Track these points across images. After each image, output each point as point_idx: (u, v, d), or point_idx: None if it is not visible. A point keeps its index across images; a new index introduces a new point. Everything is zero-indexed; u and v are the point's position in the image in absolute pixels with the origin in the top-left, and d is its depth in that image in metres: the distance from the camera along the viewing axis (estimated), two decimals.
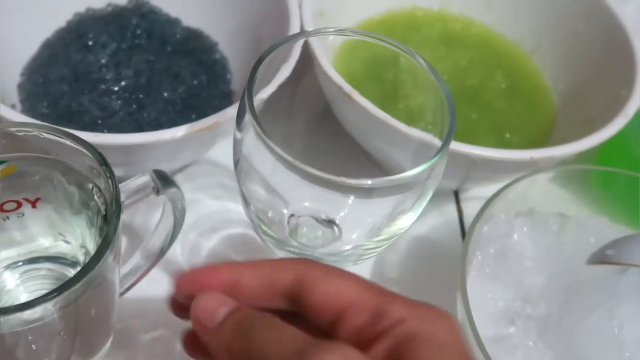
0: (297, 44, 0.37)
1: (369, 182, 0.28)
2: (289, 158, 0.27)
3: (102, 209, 0.32)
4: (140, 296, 0.40)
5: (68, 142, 0.31)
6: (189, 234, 0.46)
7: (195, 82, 0.48)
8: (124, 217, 0.45)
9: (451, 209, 0.51)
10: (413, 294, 0.44)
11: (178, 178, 0.48)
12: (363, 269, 0.46)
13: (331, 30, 0.36)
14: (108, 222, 0.29)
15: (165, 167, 0.45)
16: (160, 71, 0.48)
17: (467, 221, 0.49)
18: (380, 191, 0.29)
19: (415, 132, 0.36)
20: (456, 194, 0.51)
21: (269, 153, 0.28)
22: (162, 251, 0.38)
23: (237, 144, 0.31)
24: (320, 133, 0.44)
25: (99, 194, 0.32)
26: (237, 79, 0.50)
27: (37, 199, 0.33)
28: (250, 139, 0.29)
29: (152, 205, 0.43)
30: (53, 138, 0.31)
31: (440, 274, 0.46)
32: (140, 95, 0.46)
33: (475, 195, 0.50)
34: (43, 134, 0.31)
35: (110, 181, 0.30)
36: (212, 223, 0.47)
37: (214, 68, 0.50)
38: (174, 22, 0.52)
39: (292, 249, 0.34)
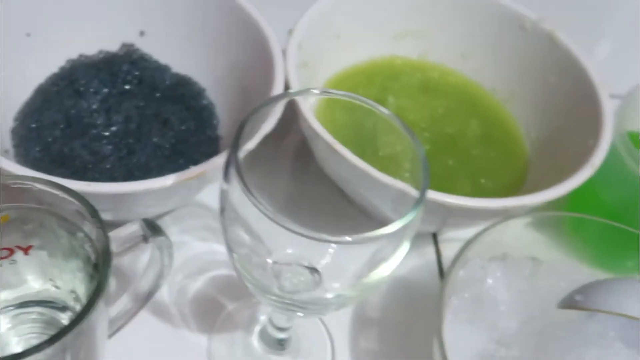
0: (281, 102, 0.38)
1: (348, 238, 0.29)
2: (271, 215, 0.28)
3: (93, 257, 0.32)
4: (126, 338, 0.40)
5: (60, 194, 0.31)
6: (176, 275, 0.47)
7: (183, 127, 0.50)
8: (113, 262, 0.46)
9: (430, 250, 0.52)
10: (393, 336, 0.46)
11: (166, 220, 0.49)
12: (344, 310, 0.47)
13: (316, 92, 0.37)
14: (100, 272, 0.30)
15: (154, 211, 0.47)
16: (149, 117, 0.49)
17: (446, 262, 0.51)
18: (362, 243, 0.30)
19: (393, 182, 0.37)
20: (435, 236, 0.52)
21: (253, 206, 0.29)
22: (150, 295, 0.39)
23: (223, 194, 0.32)
24: (306, 182, 0.45)
25: (89, 243, 0.33)
26: (223, 125, 0.52)
27: (30, 247, 0.34)
28: (236, 191, 0.30)
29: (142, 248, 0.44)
30: (46, 189, 0.32)
31: (419, 315, 0.47)
32: (130, 141, 0.47)
33: (454, 237, 0.51)
34: (37, 185, 0.32)
35: (100, 231, 0.31)
36: (198, 265, 0.47)
37: (202, 114, 0.51)
38: (163, 69, 0.53)
39: (273, 297, 0.35)
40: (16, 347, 0.36)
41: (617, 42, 0.74)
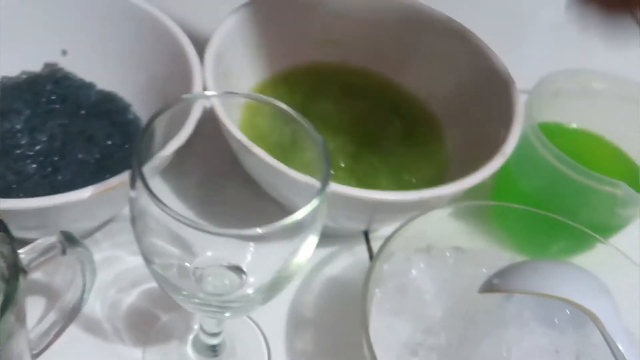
0: (197, 104, 0.38)
1: (259, 230, 0.29)
2: (179, 217, 0.28)
3: (6, 273, 0.32)
4: (59, 355, 0.40)
5: None
6: (109, 290, 0.46)
7: (109, 142, 0.49)
8: (39, 276, 0.45)
9: (362, 249, 0.52)
10: (328, 334, 0.46)
11: (97, 236, 0.49)
12: (278, 310, 0.47)
13: (210, 94, 0.37)
14: (8, 285, 0.29)
15: (83, 226, 0.46)
16: (74, 134, 0.49)
17: None
18: (275, 235, 0.30)
19: (303, 178, 0.37)
20: (366, 234, 0.53)
21: (162, 212, 0.29)
22: (75, 309, 0.38)
23: (131, 203, 0.32)
24: (230, 181, 0.46)
25: (2, 259, 0.32)
26: None
27: None
28: (144, 197, 0.30)
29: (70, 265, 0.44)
30: None
31: (352, 312, 0.47)
32: (55, 158, 0.47)
33: (385, 234, 0.51)
34: None
35: (9, 247, 0.30)
36: (131, 278, 0.47)
37: (128, 128, 0.51)
38: (88, 86, 0.53)
39: (198, 301, 0.35)
40: None
41: (524, 40, 0.78)
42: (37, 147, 0.47)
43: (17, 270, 0.30)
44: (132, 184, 0.31)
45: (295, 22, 0.55)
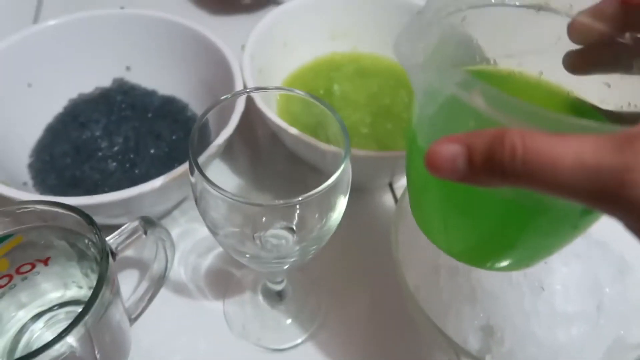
0: (240, 100, 0.34)
1: (300, 198, 0.26)
2: (230, 196, 0.25)
3: (98, 257, 0.29)
4: (155, 316, 0.37)
5: (59, 210, 0.28)
6: (189, 256, 0.43)
7: (174, 137, 0.45)
8: (130, 254, 0.42)
9: (388, 197, 0.48)
10: (365, 264, 0.43)
11: (174, 214, 0.45)
12: (325, 259, 0.43)
13: (249, 90, 0.34)
14: (100, 266, 0.26)
15: (161, 208, 0.43)
16: (144, 134, 0.45)
17: None
18: (314, 199, 0.27)
19: (330, 148, 0.34)
20: (391, 185, 0.49)
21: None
22: (162, 277, 0.35)
23: (193, 186, 0.28)
24: (273, 158, 0.42)
25: (93, 246, 0.29)
26: None
27: (48, 258, 0.30)
28: (201, 182, 0.26)
29: (154, 243, 0.41)
30: (46, 209, 0.28)
31: (383, 247, 0.43)
32: (131, 155, 0.43)
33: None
34: (38, 207, 0.28)
35: (96, 235, 0.27)
36: (207, 245, 0.43)
37: (188, 124, 0.47)
38: (151, 94, 0.49)
39: (259, 260, 0.32)
40: None
41: None
42: (115, 148, 0.44)
43: (105, 253, 0.26)
44: (191, 171, 0.27)
45: (313, 22, 0.50)
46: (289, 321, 0.40)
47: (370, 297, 0.41)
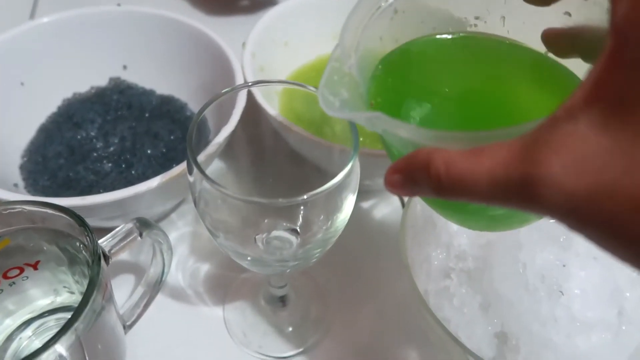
0: (240, 97, 0.33)
1: (305, 197, 0.25)
2: (230, 194, 0.23)
3: (90, 260, 0.27)
4: (153, 322, 0.36)
5: (49, 211, 0.26)
6: (188, 260, 0.41)
7: (172, 137, 0.44)
8: (125, 257, 0.40)
9: (395, 198, 0.46)
10: (372, 268, 0.41)
11: (172, 217, 0.43)
12: (330, 261, 0.41)
13: (249, 84, 0.32)
14: (91, 270, 0.24)
15: (158, 210, 0.41)
16: (141, 134, 0.43)
17: None
18: (320, 198, 0.26)
19: (338, 146, 0.33)
20: None
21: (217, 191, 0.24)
22: (158, 282, 0.33)
23: (192, 186, 0.27)
24: (275, 157, 0.40)
25: (84, 249, 0.27)
26: None
27: (37, 262, 0.29)
28: (200, 181, 0.25)
29: (150, 246, 0.39)
30: (36, 210, 0.26)
31: (391, 250, 0.42)
32: (127, 156, 0.42)
33: None
34: (26, 208, 0.26)
35: (88, 237, 0.25)
36: (206, 248, 0.42)
37: (186, 123, 0.45)
38: (148, 93, 0.47)
39: (262, 263, 0.30)
40: None
41: None
42: (111, 149, 0.42)
43: (97, 256, 0.25)
44: (190, 170, 0.26)
45: (314, 21, 0.48)
46: (292, 328, 0.38)
47: (377, 303, 0.40)
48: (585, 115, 0.15)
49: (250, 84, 0.31)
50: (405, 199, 0.46)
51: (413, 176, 0.19)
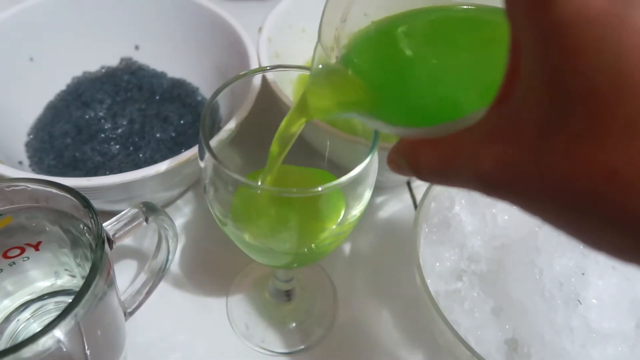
0: (254, 82, 0.32)
1: (320, 189, 0.24)
2: (245, 181, 0.22)
3: (93, 243, 0.26)
4: (155, 310, 0.35)
5: (53, 190, 0.25)
6: (193, 248, 0.41)
7: (182, 122, 0.43)
8: (130, 243, 0.40)
9: (406, 196, 0.46)
10: (382, 265, 0.40)
11: (178, 203, 0.43)
12: (340, 255, 0.41)
13: (265, 69, 0.31)
14: (94, 253, 0.24)
15: (164, 196, 0.40)
16: (151, 116, 0.42)
17: None
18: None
19: (354, 139, 0.32)
20: (409, 184, 0.46)
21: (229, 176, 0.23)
22: (162, 269, 0.33)
23: (203, 172, 0.26)
24: (291, 148, 0.39)
25: (88, 232, 0.26)
26: None
27: (39, 242, 0.28)
28: (212, 166, 0.24)
29: (156, 231, 0.38)
30: (40, 188, 0.25)
31: (401, 248, 0.41)
32: (136, 139, 0.41)
33: (424, 182, 0.45)
34: (30, 186, 0.25)
35: (93, 220, 0.24)
36: (212, 236, 0.41)
37: (197, 108, 0.45)
38: (160, 75, 0.46)
39: (270, 256, 0.29)
40: None
41: None
42: (119, 130, 0.41)
43: (101, 240, 0.24)
44: (201, 155, 0.25)
45: None
46: (295, 323, 0.37)
47: (384, 302, 0.39)
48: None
49: (268, 67, 0.30)
50: (418, 197, 0.45)
51: (404, 162, 0.20)
